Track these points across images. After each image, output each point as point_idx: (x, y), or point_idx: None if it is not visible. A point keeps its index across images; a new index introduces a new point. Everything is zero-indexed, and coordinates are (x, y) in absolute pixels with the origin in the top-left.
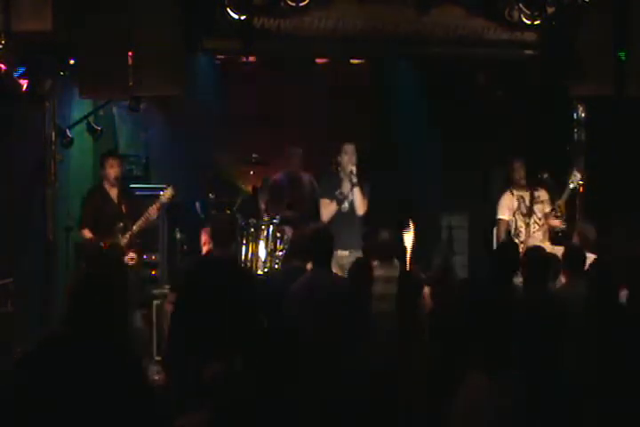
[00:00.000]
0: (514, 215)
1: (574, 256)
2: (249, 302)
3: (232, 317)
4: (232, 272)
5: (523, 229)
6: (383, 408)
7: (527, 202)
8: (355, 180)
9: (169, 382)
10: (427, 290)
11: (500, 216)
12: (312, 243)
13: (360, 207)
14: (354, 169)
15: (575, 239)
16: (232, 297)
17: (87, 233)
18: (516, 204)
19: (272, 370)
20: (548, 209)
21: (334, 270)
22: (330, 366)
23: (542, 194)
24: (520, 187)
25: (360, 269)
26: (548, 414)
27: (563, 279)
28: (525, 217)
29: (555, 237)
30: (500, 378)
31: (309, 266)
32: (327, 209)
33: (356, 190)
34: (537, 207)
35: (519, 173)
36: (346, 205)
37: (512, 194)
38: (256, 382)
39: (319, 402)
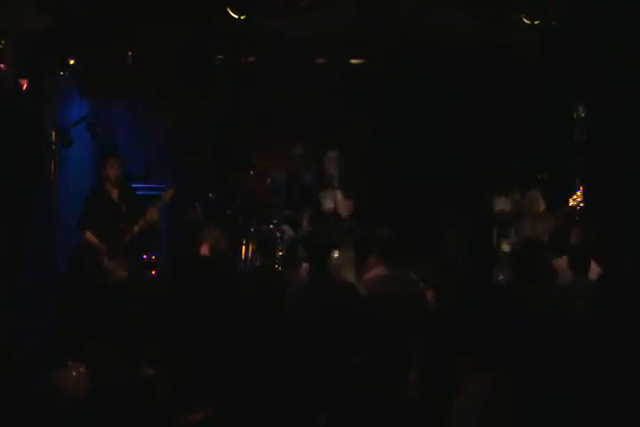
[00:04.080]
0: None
1: (577, 256)
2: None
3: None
4: (215, 273)
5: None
6: (386, 408)
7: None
8: (335, 183)
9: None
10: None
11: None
12: (310, 244)
13: (343, 210)
14: (335, 173)
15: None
16: (216, 298)
17: (88, 235)
18: (508, 208)
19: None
20: (542, 208)
21: None
22: (329, 366)
23: (534, 194)
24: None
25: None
26: (548, 414)
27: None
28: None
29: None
30: (499, 378)
31: (306, 267)
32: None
33: (337, 193)
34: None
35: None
36: (331, 205)
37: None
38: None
39: (321, 402)
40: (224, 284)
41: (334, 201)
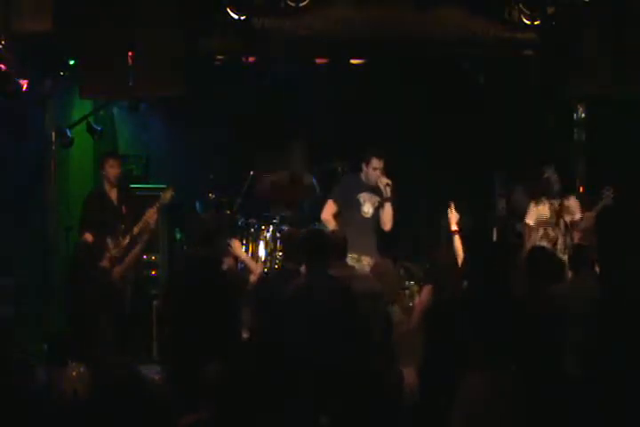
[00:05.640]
0: (546, 225)
1: (579, 255)
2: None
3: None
4: (214, 273)
5: (560, 241)
6: (382, 408)
7: (556, 211)
8: (388, 194)
9: (169, 382)
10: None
11: (528, 221)
12: (307, 245)
13: (387, 223)
14: (390, 182)
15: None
16: (215, 298)
17: (88, 236)
18: (548, 214)
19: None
20: (577, 217)
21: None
22: (325, 367)
23: (572, 203)
24: (553, 196)
25: None
26: (547, 413)
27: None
28: (558, 228)
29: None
30: (499, 378)
31: (304, 268)
32: (328, 209)
33: (387, 205)
34: (567, 217)
35: (553, 183)
36: (369, 210)
37: (545, 203)
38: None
39: (316, 403)
40: (224, 284)
41: (374, 209)
